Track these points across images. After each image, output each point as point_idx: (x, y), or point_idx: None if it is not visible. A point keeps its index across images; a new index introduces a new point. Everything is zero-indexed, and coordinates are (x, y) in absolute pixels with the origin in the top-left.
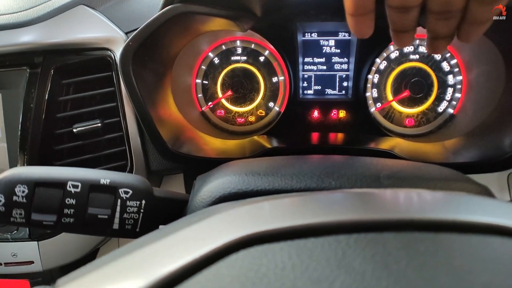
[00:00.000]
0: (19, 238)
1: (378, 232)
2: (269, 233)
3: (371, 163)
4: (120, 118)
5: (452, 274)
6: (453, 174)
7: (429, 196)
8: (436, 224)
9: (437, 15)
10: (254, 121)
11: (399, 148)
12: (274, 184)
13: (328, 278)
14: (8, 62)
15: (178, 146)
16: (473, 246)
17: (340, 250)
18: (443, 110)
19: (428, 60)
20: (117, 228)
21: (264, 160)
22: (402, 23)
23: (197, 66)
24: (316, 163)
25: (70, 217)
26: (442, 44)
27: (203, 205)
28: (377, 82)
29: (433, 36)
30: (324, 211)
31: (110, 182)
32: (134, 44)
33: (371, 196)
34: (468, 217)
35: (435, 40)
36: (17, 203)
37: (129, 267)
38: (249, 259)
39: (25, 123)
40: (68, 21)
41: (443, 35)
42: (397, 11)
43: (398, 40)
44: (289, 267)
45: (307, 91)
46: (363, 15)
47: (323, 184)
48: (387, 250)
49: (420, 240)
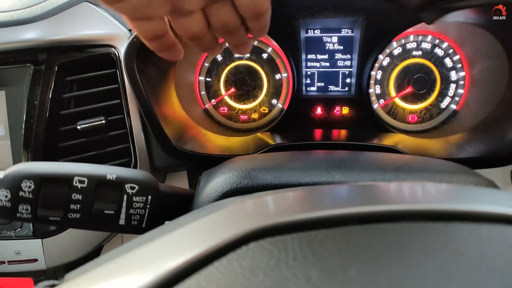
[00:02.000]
0: (23, 235)
1: (390, 222)
2: (280, 225)
3: (377, 157)
4: (124, 115)
5: (465, 262)
6: (459, 167)
7: (439, 188)
8: (447, 214)
9: (223, 35)
10: (258, 118)
11: (403, 144)
12: (280, 179)
13: (341, 268)
14: (12, 59)
15: (182, 143)
16: (485, 235)
17: (353, 240)
18: (446, 106)
19: (431, 56)
20: (123, 224)
21: (270, 155)
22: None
23: (200, 64)
24: (322, 157)
25: (76, 212)
26: (242, 46)
27: (209, 200)
28: (380, 79)
29: (232, 48)
30: (335, 203)
31: (116, 178)
32: (138, 41)
33: (381, 188)
34: (479, 207)
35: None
36: (23, 199)
37: (138, 260)
38: (261, 251)
39: (29, 120)
40: (71, 18)
41: (238, 44)
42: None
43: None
44: (301, 257)
45: (310, 88)
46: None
47: (330, 178)
48: (400, 240)
49: (432, 229)
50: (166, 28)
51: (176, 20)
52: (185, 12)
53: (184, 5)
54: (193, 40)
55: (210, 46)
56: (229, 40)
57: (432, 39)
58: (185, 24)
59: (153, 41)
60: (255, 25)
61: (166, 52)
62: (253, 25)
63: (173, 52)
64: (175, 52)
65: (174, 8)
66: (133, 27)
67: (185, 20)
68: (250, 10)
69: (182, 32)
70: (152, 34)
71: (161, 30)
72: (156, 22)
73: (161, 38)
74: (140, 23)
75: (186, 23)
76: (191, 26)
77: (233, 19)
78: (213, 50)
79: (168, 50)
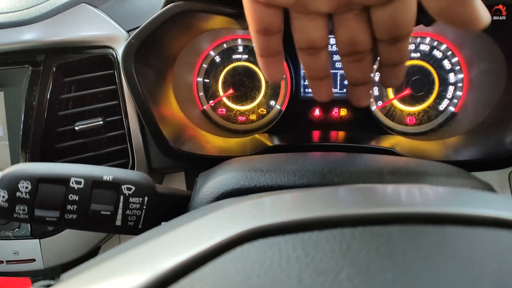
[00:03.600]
0: (21, 236)
1: (383, 225)
2: (274, 227)
3: (373, 160)
4: (121, 116)
5: (458, 265)
6: (455, 170)
7: (434, 191)
8: (441, 217)
9: (347, 57)
10: (256, 119)
11: (400, 146)
12: (277, 180)
13: (333, 269)
14: (10, 60)
15: (180, 144)
16: (479, 238)
17: (345, 242)
18: (444, 108)
19: (429, 58)
20: (120, 225)
21: (267, 157)
22: (315, 67)
23: (198, 65)
24: (319, 159)
25: (73, 213)
26: (361, 91)
27: (205, 201)
28: (378, 80)
29: (351, 82)
30: (328, 205)
31: (113, 179)
32: (135, 42)
33: (375, 190)
34: (474, 210)
35: (354, 88)
36: (20, 199)
37: (133, 261)
38: (254, 252)
39: (27, 121)
40: (70, 19)
41: (359, 81)
42: (307, 54)
43: (352, 97)
44: (294, 259)
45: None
46: (271, 56)
47: (326, 180)
48: (392, 242)
49: (426, 232)
50: (281, 27)
51: (297, 20)
52: (310, 11)
53: (311, 2)
54: (306, 51)
55: (322, 72)
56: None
57: (430, 41)
58: (305, 26)
59: (262, 35)
60: (389, 53)
61: (266, 59)
62: (387, 53)
63: (274, 61)
64: (275, 62)
65: (299, 4)
66: (248, 11)
67: (307, 22)
68: (388, 27)
69: (298, 35)
70: (265, 25)
71: (275, 24)
72: (275, 12)
73: (271, 36)
74: (259, 7)
75: (307, 26)
76: (311, 31)
77: (364, 36)
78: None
79: (270, 56)
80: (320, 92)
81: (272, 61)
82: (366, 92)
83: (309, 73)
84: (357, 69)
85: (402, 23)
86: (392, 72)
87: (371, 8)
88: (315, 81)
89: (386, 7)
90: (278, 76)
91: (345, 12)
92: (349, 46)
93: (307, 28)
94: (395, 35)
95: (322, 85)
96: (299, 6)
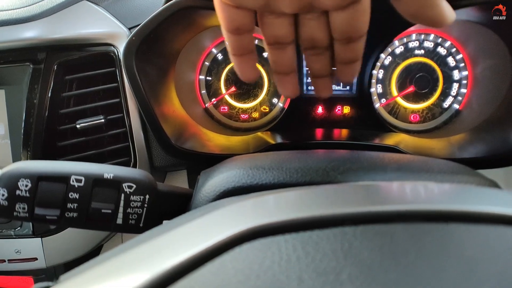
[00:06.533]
0: (23, 234)
1: (385, 223)
2: (273, 226)
3: (377, 157)
4: (123, 114)
5: (462, 264)
6: (461, 168)
7: (437, 188)
8: (445, 214)
9: (308, 51)
10: (258, 117)
11: (404, 144)
12: (279, 178)
13: (334, 269)
14: (11, 58)
15: (182, 142)
16: (483, 236)
17: (346, 242)
18: (448, 106)
19: (433, 55)
20: (121, 223)
21: (269, 155)
22: (281, 62)
23: (200, 62)
24: (321, 157)
25: (73, 211)
26: (322, 83)
27: (207, 199)
28: (381, 78)
29: (313, 74)
30: (330, 203)
31: (113, 177)
32: (137, 39)
33: (377, 188)
34: (478, 208)
35: (316, 79)
36: (20, 197)
37: (133, 261)
38: (253, 252)
39: (28, 119)
40: (71, 17)
41: (319, 73)
42: (274, 48)
43: (315, 88)
44: (294, 259)
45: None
46: (244, 55)
47: (329, 178)
48: (395, 241)
49: (429, 231)
50: (251, 26)
51: (264, 18)
52: (277, 11)
53: (278, 3)
54: (273, 46)
55: (288, 66)
56: (310, 63)
57: (434, 38)
58: (272, 24)
59: (234, 34)
60: (344, 52)
61: (240, 58)
62: (341, 51)
63: (247, 60)
64: (248, 61)
65: (267, 4)
66: (219, 12)
67: (274, 20)
68: (343, 30)
69: (266, 32)
70: (236, 25)
71: (246, 24)
72: (245, 13)
73: (243, 35)
74: (229, 9)
75: (273, 23)
76: (277, 28)
77: (322, 35)
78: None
79: (243, 55)
80: (286, 87)
81: (245, 59)
82: (327, 83)
83: (275, 67)
84: (317, 62)
85: (355, 27)
86: (347, 69)
87: (329, 12)
88: (281, 75)
89: (342, 12)
90: (251, 74)
91: (307, 12)
92: (308, 42)
93: (274, 25)
94: (349, 36)
95: (288, 80)
96: (265, 8)
